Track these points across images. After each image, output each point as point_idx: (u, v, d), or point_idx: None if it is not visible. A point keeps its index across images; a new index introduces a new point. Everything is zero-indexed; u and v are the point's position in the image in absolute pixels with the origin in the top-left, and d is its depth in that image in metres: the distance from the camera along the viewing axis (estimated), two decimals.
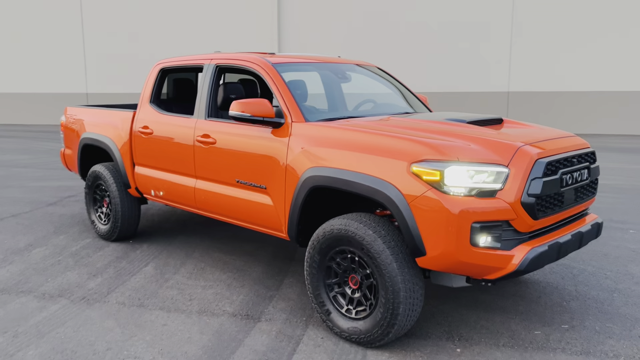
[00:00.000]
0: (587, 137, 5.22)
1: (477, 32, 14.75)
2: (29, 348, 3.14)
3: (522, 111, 14.60)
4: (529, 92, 14.72)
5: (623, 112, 14.19)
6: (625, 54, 13.86)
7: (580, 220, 3.35)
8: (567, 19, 14.13)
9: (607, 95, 14.21)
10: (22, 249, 5.00)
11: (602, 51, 14.00)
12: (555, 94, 14.55)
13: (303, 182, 3.33)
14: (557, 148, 3.10)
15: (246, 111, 3.53)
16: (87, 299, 3.86)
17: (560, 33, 14.21)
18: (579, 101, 14.41)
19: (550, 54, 14.36)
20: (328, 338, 3.26)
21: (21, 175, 8.88)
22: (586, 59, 14.15)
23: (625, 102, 14.12)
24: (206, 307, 3.72)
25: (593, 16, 13.94)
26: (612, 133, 14.29)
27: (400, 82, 4.85)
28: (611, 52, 13.94)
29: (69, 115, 5.78)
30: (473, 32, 14.78)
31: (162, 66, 4.80)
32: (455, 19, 14.83)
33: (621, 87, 14.07)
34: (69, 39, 17.95)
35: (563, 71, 14.36)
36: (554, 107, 14.55)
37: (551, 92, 14.56)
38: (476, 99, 14.96)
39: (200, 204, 4.24)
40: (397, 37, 15.26)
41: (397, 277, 2.90)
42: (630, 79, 13.94)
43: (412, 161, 2.87)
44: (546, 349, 3.12)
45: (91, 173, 5.27)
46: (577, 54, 14.18)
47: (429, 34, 15.06)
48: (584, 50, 14.13)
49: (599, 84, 14.21)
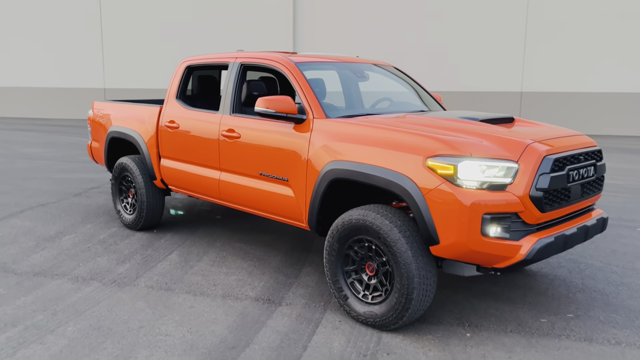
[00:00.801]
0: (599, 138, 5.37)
1: (491, 32, 14.85)
2: (68, 324, 3.39)
3: (534, 111, 14.68)
4: (542, 92, 14.80)
5: (637, 114, 14.21)
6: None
7: (587, 215, 3.52)
8: (581, 20, 14.17)
9: (620, 97, 14.24)
10: (52, 236, 5.27)
11: (616, 52, 14.03)
12: (568, 94, 14.61)
13: (324, 174, 3.54)
14: (564, 146, 3.28)
15: (271, 107, 3.75)
16: (118, 282, 4.11)
17: (574, 34, 14.26)
18: (593, 102, 14.45)
19: (563, 55, 14.42)
20: (345, 321, 3.47)
21: (45, 167, 9.19)
22: (600, 60, 14.19)
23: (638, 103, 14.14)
24: (230, 292, 3.95)
25: (607, 17, 13.97)
26: (624, 134, 14.32)
27: (415, 82, 5.03)
28: (626, 53, 13.96)
29: (96, 110, 6.03)
30: (487, 32, 14.88)
31: (188, 63, 5.03)
32: (469, 18, 14.94)
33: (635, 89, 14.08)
34: (87, 34, 18.32)
35: (577, 72, 14.41)
36: (566, 107, 14.60)
37: (564, 92, 14.62)
38: (489, 98, 15.07)
39: (224, 196, 4.47)
40: (411, 37, 15.41)
41: (411, 264, 3.10)
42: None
43: (427, 156, 3.06)
44: (551, 336, 3.31)
45: (118, 165, 5.52)
46: (591, 55, 14.22)
47: (444, 34, 15.18)
48: (597, 51, 14.16)
49: (613, 85, 14.24)
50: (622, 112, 14.30)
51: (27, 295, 3.84)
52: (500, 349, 3.14)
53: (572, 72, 14.45)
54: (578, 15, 14.19)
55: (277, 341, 3.22)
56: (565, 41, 14.36)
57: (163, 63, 17.38)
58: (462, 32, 15.07)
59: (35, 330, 3.31)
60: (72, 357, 3.00)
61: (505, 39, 14.80)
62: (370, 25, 15.75)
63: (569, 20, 14.27)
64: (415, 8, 15.37)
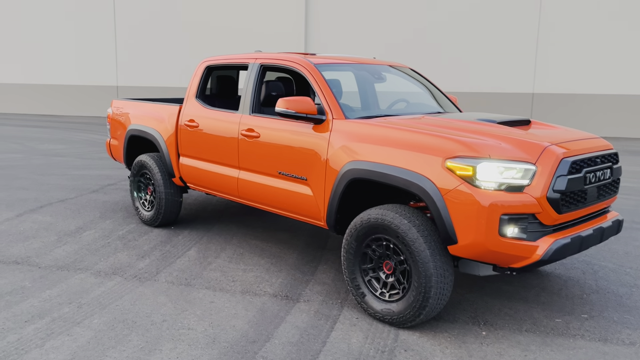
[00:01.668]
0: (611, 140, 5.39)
1: (504, 33, 14.84)
2: (94, 317, 3.49)
3: (546, 113, 14.66)
4: (554, 94, 14.77)
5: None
6: None
7: (602, 217, 3.57)
8: (593, 21, 14.12)
9: (633, 99, 14.18)
10: (73, 231, 5.38)
11: (629, 54, 13.97)
12: (580, 96, 14.57)
13: (343, 174, 3.61)
14: (581, 148, 3.33)
15: (291, 108, 3.83)
16: (139, 277, 4.21)
17: (586, 35, 14.22)
18: (604, 104, 14.41)
19: (575, 56, 14.38)
20: (362, 318, 3.55)
21: (61, 164, 9.33)
22: (612, 62, 14.14)
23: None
24: (248, 288, 4.03)
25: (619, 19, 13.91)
26: (637, 137, 14.26)
27: (431, 83, 5.09)
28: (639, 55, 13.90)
29: (115, 108, 6.14)
30: (499, 33, 14.87)
31: (208, 64, 5.12)
32: (482, 20, 14.94)
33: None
34: (101, 32, 18.49)
35: (588, 74, 14.37)
36: (578, 109, 14.57)
37: (576, 94, 14.58)
38: (501, 99, 15.06)
39: (242, 194, 4.55)
40: (425, 38, 15.42)
41: (429, 263, 3.16)
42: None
43: (446, 157, 3.13)
44: (566, 335, 3.36)
45: (137, 162, 5.62)
46: (603, 57, 14.17)
47: (456, 35, 15.19)
48: (609, 52, 14.11)
49: (625, 87, 14.18)
50: (635, 114, 14.24)
51: (52, 289, 3.95)
52: (516, 347, 3.20)
53: (584, 73, 14.41)
54: (590, 16, 14.15)
55: (297, 336, 3.30)
56: (577, 43, 14.32)
57: (174, 61, 17.54)
58: (475, 33, 15.07)
59: (62, 322, 3.41)
60: (99, 348, 3.10)
61: (517, 40, 14.78)
62: (381, 26, 15.78)
63: (581, 22, 14.23)
64: (427, 9, 15.38)
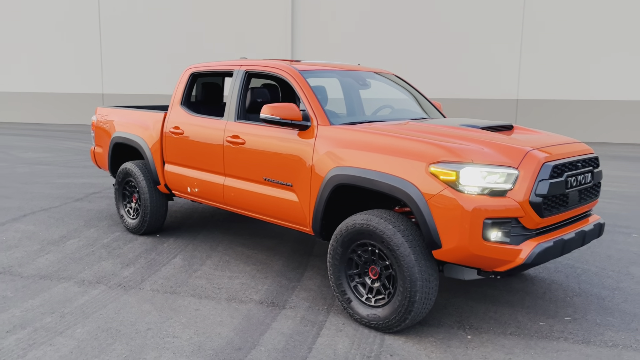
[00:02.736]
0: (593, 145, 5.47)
1: (488, 40, 15.03)
2: (77, 326, 3.45)
3: (530, 118, 14.84)
4: (537, 99, 14.97)
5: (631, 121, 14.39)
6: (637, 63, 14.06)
7: (584, 220, 3.62)
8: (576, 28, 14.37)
9: (614, 105, 14.43)
10: (57, 240, 5.32)
11: (610, 60, 14.23)
12: (563, 102, 14.79)
13: (328, 180, 3.62)
14: (562, 153, 3.38)
15: (276, 114, 3.84)
16: (124, 286, 4.17)
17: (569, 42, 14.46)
18: (587, 110, 14.63)
19: (558, 63, 14.61)
20: (348, 324, 3.55)
21: (46, 172, 9.23)
22: (595, 68, 14.39)
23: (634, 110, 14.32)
24: (234, 295, 4.01)
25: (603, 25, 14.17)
26: (619, 142, 14.50)
27: (416, 89, 5.13)
28: (620, 61, 14.16)
29: (100, 115, 6.10)
30: (483, 40, 15.06)
31: (193, 70, 5.11)
32: (466, 27, 15.12)
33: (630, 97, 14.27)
34: (86, 40, 18.39)
35: (571, 80, 14.60)
36: (561, 115, 14.78)
37: (559, 100, 14.80)
38: (486, 105, 15.22)
39: (228, 200, 4.54)
40: (409, 45, 15.56)
41: (414, 267, 3.18)
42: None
43: (430, 162, 3.15)
44: (550, 338, 3.39)
45: (121, 170, 5.58)
46: (585, 63, 14.42)
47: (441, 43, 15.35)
48: (591, 59, 14.37)
49: (606, 93, 14.43)
50: (616, 119, 14.48)
51: (35, 298, 3.89)
52: (500, 351, 3.22)
53: (567, 80, 14.64)
54: (572, 23, 14.39)
55: (283, 343, 3.29)
56: (560, 49, 14.55)
57: (161, 69, 17.49)
58: (459, 41, 15.24)
59: (44, 332, 3.36)
60: (82, 358, 3.06)
61: (501, 47, 14.99)
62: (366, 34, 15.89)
63: (564, 29, 14.47)
64: (412, 17, 15.53)
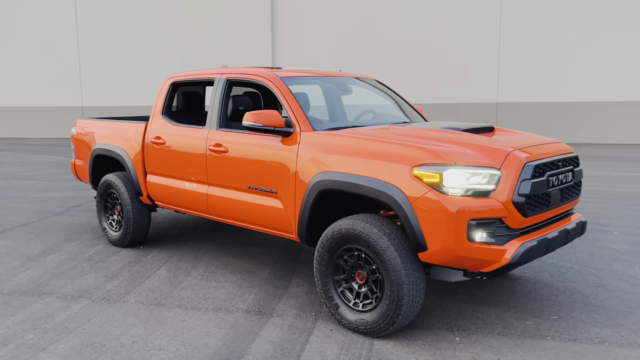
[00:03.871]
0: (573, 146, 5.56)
1: (466, 46, 15.24)
2: (60, 342, 3.37)
3: (510, 121, 15.05)
4: (516, 102, 15.20)
5: (608, 122, 14.68)
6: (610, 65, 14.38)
7: (567, 219, 3.66)
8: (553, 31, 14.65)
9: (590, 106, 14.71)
10: (37, 255, 5.22)
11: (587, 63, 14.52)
12: (541, 104, 15.03)
13: (312, 186, 3.61)
14: (543, 153, 3.42)
15: (258, 121, 3.82)
16: (107, 299, 4.10)
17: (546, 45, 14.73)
18: (564, 111, 14.90)
19: (535, 67, 14.87)
20: (337, 330, 3.53)
21: (24, 187, 9.07)
22: (572, 70, 14.67)
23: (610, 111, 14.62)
24: (221, 305, 3.97)
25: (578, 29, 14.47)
26: (598, 142, 14.76)
27: (397, 94, 5.16)
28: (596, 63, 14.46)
29: (79, 127, 6.02)
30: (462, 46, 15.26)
31: (173, 80, 5.07)
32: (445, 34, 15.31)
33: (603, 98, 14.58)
34: (64, 52, 18.16)
35: (548, 83, 14.87)
36: (540, 116, 15.02)
37: (537, 102, 15.05)
38: (467, 109, 15.40)
39: (212, 210, 4.50)
40: (390, 51, 15.69)
41: (401, 271, 3.18)
42: (616, 90, 14.46)
43: (413, 165, 3.17)
44: (537, 337, 3.42)
45: (103, 182, 5.51)
46: (561, 67, 14.70)
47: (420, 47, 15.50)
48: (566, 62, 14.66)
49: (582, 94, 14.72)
50: (595, 120, 14.76)
51: (16, 315, 3.80)
52: (489, 351, 3.23)
53: (545, 82, 14.90)
54: (549, 26, 14.67)
55: (271, 351, 3.26)
56: (537, 52, 14.82)
57: (141, 80, 17.34)
58: (438, 47, 15.42)
59: (26, 349, 3.28)
60: None
61: (480, 52, 15.20)
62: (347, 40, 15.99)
63: (541, 32, 14.75)
64: (392, 22, 15.67)
